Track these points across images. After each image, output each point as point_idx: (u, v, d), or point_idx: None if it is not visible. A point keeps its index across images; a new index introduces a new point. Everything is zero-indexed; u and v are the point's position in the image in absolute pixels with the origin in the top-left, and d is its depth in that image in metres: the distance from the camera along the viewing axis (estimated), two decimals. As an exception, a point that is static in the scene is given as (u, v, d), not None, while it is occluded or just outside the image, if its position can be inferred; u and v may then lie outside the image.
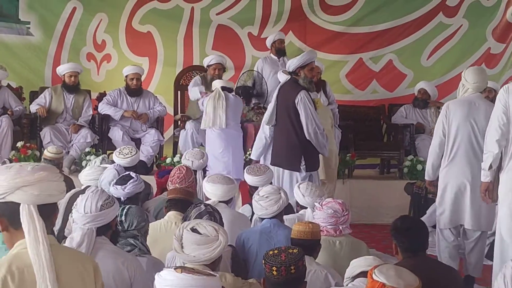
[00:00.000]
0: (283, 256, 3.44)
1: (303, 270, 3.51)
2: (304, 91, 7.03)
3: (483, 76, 6.39)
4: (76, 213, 3.93)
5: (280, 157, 7.15)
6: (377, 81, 12.01)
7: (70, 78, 9.53)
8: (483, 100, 6.47)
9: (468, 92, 6.32)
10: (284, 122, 7.13)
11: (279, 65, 10.24)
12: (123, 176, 5.61)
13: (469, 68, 6.43)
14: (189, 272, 2.85)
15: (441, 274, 4.14)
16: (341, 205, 4.93)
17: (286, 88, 7.17)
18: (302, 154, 7.08)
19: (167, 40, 11.53)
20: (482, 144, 6.23)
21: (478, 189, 6.16)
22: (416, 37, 12.10)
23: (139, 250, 4.24)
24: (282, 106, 7.15)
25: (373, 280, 2.89)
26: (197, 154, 6.97)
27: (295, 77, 7.11)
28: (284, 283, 3.44)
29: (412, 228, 4.25)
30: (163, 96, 10.57)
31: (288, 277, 3.42)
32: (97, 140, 9.56)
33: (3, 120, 9.16)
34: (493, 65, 12.06)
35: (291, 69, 7.13)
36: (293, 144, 7.09)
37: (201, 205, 4.54)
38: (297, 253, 3.49)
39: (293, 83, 7.12)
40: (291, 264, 3.42)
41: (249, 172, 6.34)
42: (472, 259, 6.42)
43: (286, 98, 7.12)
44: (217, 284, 2.94)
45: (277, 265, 3.42)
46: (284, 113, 7.13)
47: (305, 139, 7.07)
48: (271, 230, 5.02)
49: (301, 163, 7.06)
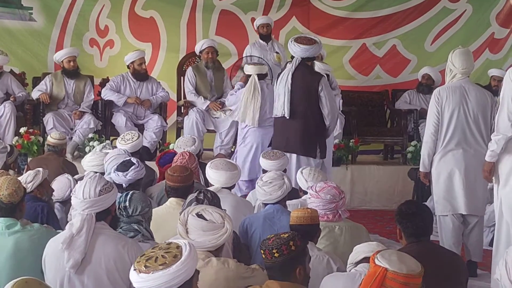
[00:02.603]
0: (271, 241, 3.46)
1: (290, 254, 3.46)
2: (324, 77, 7.15)
3: (470, 60, 6.39)
4: (75, 199, 3.94)
5: (296, 144, 7.11)
6: (381, 67, 11.97)
7: (69, 63, 9.51)
8: (472, 85, 6.49)
9: (456, 77, 6.33)
10: (301, 109, 7.09)
11: (268, 49, 10.26)
12: (125, 163, 5.59)
13: (456, 52, 6.36)
14: (148, 271, 2.88)
15: (445, 260, 4.15)
16: (336, 189, 4.93)
17: (303, 75, 7.08)
18: (317, 141, 7.12)
19: (170, 25, 11.49)
20: (474, 130, 6.28)
21: (471, 175, 6.23)
22: (420, 22, 12.06)
23: (142, 236, 4.25)
24: (299, 94, 7.08)
25: (375, 265, 2.88)
26: (188, 141, 7.01)
27: (307, 63, 7.10)
28: (272, 267, 3.45)
29: (417, 213, 4.24)
30: (166, 82, 10.55)
31: (274, 261, 3.43)
32: (100, 126, 9.55)
33: (6, 106, 9.15)
34: (497, 50, 12.02)
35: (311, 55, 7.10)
36: (310, 130, 7.10)
37: (195, 193, 4.52)
38: (285, 237, 3.47)
39: (309, 69, 7.13)
40: (273, 248, 3.42)
41: (264, 156, 6.40)
42: (472, 244, 6.47)
43: (305, 85, 7.07)
44: (190, 261, 2.96)
45: (263, 248, 3.45)
46: (302, 100, 7.08)
47: (320, 126, 7.11)
48: (274, 216, 5.03)
49: (316, 150, 7.10)
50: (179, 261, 2.93)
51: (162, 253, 2.95)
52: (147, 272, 2.88)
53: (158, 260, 2.92)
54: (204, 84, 9.74)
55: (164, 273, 2.88)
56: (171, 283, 2.90)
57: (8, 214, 4.20)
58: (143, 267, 2.89)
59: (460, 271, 4.19)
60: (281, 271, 3.46)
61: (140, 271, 2.89)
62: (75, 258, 3.80)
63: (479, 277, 6.34)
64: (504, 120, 5.36)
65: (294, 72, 7.07)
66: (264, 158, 6.40)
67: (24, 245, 4.13)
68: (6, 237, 4.14)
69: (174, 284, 2.91)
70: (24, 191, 4.37)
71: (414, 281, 2.85)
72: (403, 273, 2.83)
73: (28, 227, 4.22)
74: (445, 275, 3.98)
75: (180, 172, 5.28)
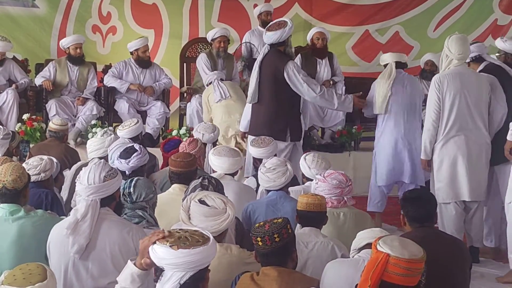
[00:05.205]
0: (267, 226, 3.48)
1: (288, 238, 3.52)
2: (290, 60, 7.08)
3: (467, 46, 6.40)
4: (79, 185, 3.96)
5: (265, 127, 7.11)
6: (384, 53, 11.92)
7: (76, 50, 9.50)
8: (471, 71, 6.52)
9: (453, 63, 6.34)
10: (269, 93, 7.12)
11: None
12: (127, 149, 5.61)
13: (452, 37, 6.35)
14: (185, 247, 2.86)
15: (448, 245, 4.16)
16: (344, 176, 4.95)
17: (271, 60, 7.11)
18: (288, 124, 7.12)
19: (173, 12, 11.48)
20: (475, 116, 6.31)
21: (473, 161, 6.26)
22: (422, 9, 12.04)
23: (147, 222, 4.27)
24: (266, 79, 7.12)
25: (378, 251, 2.89)
26: (208, 127, 7.01)
27: (279, 48, 7.09)
28: (271, 253, 3.48)
29: (420, 198, 4.26)
30: (168, 69, 10.53)
31: (274, 247, 3.46)
32: (103, 112, 9.55)
33: (8, 93, 9.15)
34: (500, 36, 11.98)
35: (282, 39, 7.06)
36: (278, 114, 7.11)
37: (199, 179, 4.54)
38: (281, 222, 3.52)
39: (277, 54, 7.10)
40: (274, 233, 3.45)
41: (253, 144, 6.37)
42: (472, 229, 6.50)
43: (271, 70, 7.09)
44: (214, 249, 2.97)
45: (261, 235, 3.46)
46: (269, 84, 7.11)
47: (293, 109, 7.14)
48: (277, 202, 5.05)
49: (286, 133, 7.10)
50: (211, 240, 2.94)
51: (189, 235, 2.95)
52: (187, 248, 2.86)
53: (191, 239, 2.91)
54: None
55: (204, 248, 2.89)
56: (204, 261, 2.90)
57: (12, 200, 4.22)
58: (181, 244, 2.87)
59: (463, 257, 4.20)
60: (281, 255, 3.49)
61: (178, 247, 2.86)
62: (79, 243, 3.82)
63: (481, 263, 6.37)
64: None
65: (263, 60, 7.14)
66: (253, 146, 6.36)
67: (27, 231, 4.15)
68: (10, 223, 4.16)
69: (206, 262, 2.92)
70: (28, 178, 4.38)
71: (416, 266, 2.86)
72: (405, 258, 2.84)
73: (31, 213, 4.23)
74: (448, 260, 4.00)
75: (183, 157, 5.31)
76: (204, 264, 2.91)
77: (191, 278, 2.88)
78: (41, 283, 2.78)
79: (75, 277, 3.87)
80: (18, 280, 2.77)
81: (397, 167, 7.51)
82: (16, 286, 2.74)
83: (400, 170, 7.51)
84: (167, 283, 2.88)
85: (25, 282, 2.76)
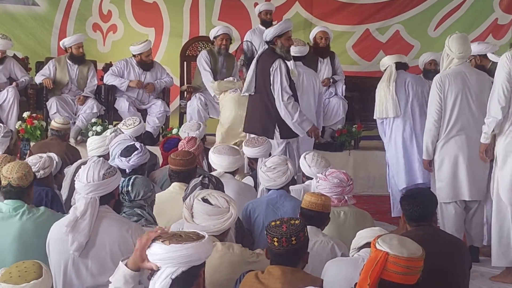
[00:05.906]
0: (284, 227, 3.44)
1: (304, 241, 3.52)
2: (280, 59, 7.09)
3: (468, 45, 6.42)
4: (78, 183, 3.96)
5: (255, 124, 7.20)
6: (384, 52, 11.88)
7: (78, 49, 9.50)
8: (472, 69, 6.54)
9: (453, 62, 6.34)
10: (261, 89, 7.18)
11: None
12: (128, 148, 5.60)
13: (453, 37, 6.36)
14: (177, 242, 2.86)
15: (448, 245, 4.16)
16: (345, 175, 4.95)
17: (264, 57, 7.20)
18: (276, 121, 7.13)
19: (173, 10, 11.47)
20: (477, 115, 6.30)
21: (474, 160, 6.26)
22: (423, 8, 12.03)
23: (145, 220, 4.27)
24: (260, 75, 7.19)
25: (377, 250, 2.89)
26: (193, 126, 7.08)
27: (272, 47, 7.14)
28: (286, 254, 3.46)
29: (417, 196, 4.26)
30: (169, 67, 10.52)
31: (289, 248, 3.44)
32: (103, 110, 9.55)
33: (9, 91, 9.15)
34: (501, 36, 11.99)
35: (268, 38, 7.17)
36: (267, 111, 7.15)
37: (199, 177, 4.54)
38: (299, 224, 3.49)
39: (270, 52, 7.17)
40: (292, 235, 3.43)
41: (247, 144, 6.37)
42: (473, 229, 6.51)
43: (263, 67, 7.16)
44: (208, 246, 2.96)
45: (278, 236, 3.43)
46: (261, 81, 7.17)
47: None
48: (277, 201, 5.05)
49: (275, 130, 7.12)
50: (206, 238, 2.93)
51: (184, 233, 2.94)
52: (179, 243, 2.85)
53: (185, 236, 2.90)
54: (215, 69, 9.71)
55: (197, 244, 2.87)
56: (196, 257, 2.88)
57: (16, 197, 4.25)
58: (174, 240, 2.86)
59: (463, 256, 4.20)
60: (294, 257, 3.48)
61: (170, 242, 2.85)
62: (79, 241, 3.82)
63: (482, 263, 6.37)
64: (494, 104, 5.58)
65: (260, 56, 7.24)
66: (247, 147, 6.35)
67: (29, 228, 4.17)
68: (12, 219, 4.17)
69: (198, 258, 2.89)
70: (33, 177, 4.40)
71: (415, 265, 2.87)
72: (404, 256, 2.84)
73: (34, 210, 4.25)
74: (448, 259, 4.00)
75: (183, 155, 5.31)
76: (197, 260, 2.89)
77: (183, 274, 2.86)
78: (36, 281, 2.80)
79: (74, 275, 3.87)
80: (13, 277, 2.80)
81: (413, 167, 7.52)
82: (11, 283, 2.77)
83: (414, 171, 7.50)
84: (159, 279, 2.88)
85: (20, 279, 2.78)
